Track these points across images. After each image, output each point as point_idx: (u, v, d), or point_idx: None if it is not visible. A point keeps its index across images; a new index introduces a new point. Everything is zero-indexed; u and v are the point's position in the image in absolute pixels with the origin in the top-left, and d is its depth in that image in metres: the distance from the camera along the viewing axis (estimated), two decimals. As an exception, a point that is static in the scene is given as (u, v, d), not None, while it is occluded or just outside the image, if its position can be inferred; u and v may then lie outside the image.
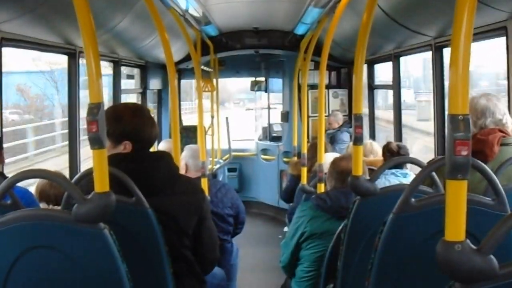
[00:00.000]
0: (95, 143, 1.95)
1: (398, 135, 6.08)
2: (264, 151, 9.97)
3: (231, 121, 8.65)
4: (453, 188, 1.42)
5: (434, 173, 2.55)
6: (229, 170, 9.99)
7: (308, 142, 6.23)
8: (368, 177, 2.73)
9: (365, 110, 7.35)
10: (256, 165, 10.11)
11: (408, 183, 3.75)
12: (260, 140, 10.36)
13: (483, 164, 2.00)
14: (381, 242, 2.15)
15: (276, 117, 10.23)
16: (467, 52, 1.37)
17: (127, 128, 2.48)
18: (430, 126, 5.23)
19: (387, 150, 4.40)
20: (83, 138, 4.20)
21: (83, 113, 4.68)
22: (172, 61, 3.46)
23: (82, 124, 4.69)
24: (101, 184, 1.97)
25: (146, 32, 5.52)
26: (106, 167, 1.99)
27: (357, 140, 2.86)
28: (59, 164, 11.23)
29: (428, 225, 2.07)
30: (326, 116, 8.24)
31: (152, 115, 2.63)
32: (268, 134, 10.10)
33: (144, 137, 2.51)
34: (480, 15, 3.21)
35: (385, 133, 7.87)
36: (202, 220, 2.67)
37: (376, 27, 3.22)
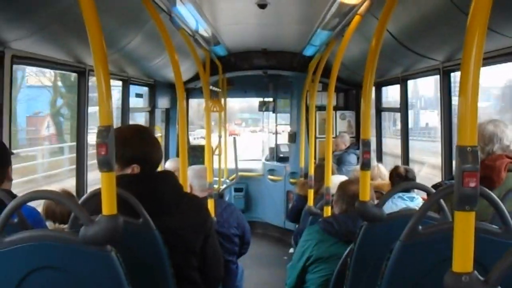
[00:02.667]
0: (104, 166, 1.95)
1: (406, 159, 6.06)
2: (271, 171, 9.96)
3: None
4: (461, 219, 1.42)
5: (441, 199, 2.54)
6: (236, 190, 9.98)
7: (315, 163, 6.23)
8: (375, 202, 2.72)
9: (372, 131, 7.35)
10: (262, 186, 10.09)
11: (415, 207, 3.78)
12: (267, 160, 10.36)
13: (490, 193, 2.00)
14: (388, 269, 2.14)
15: (283, 138, 10.24)
16: (476, 81, 1.37)
17: (135, 153, 2.51)
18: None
19: (395, 174, 4.38)
20: (91, 162, 4.21)
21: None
22: (181, 81, 3.49)
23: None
24: (109, 206, 1.96)
25: (155, 51, 5.56)
26: (114, 190, 1.99)
27: (365, 165, 2.86)
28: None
29: (436, 253, 2.06)
30: (333, 137, 8.27)
31: (160, 134, 2.64)
32: (275, 155, 10.12)
33: (152, 160, 2.54)
34: (490, 40, 3.26)
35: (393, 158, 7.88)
36: (207, 238, 2.68)
37: (384, 51, 3.22)
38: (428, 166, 11.99)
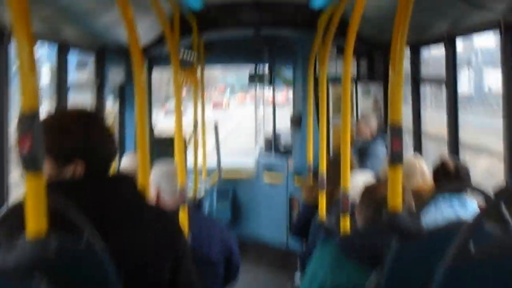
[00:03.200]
0: (29, 165, 1.94)
1: (455, 147, 6.10)
2: (268, 169, 10.05)
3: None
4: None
5: (503, 206, 2.53)
6: (219, 195, 10.08)
7: (328, 157, 6.29)
8: (412, 211, 2.72)
9: (407, 111, 7.38)
10: (256, 189, 10.17)
11: (469, 217, 3.70)
12: (262, 153, 10.40)
13: None
14: None
15: (284, 122, 10.27)
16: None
17: (78, 144, 2.51)
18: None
19: (441, 170, 4.39)
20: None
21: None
22: (138, 45, 3.51)
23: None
24: (36, 223, 1.95)
25: (102, 4, 5.57)
26: (43, 199, 1.97)
27: (395, 159, 2.88)
28: None
29: (494, 282, 2.07)
30: (353, 121, 8.30)
31: (112, 120, 2.65)
32: (274, 146, 10.14)
33: (101, 156, 2.57)
34: None
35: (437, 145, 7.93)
36: (178, 261, 2.71)
37: (422, -1, 3.21)
38: (490, 155, 11.88)
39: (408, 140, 7.59)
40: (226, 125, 41.61)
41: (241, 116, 51.77)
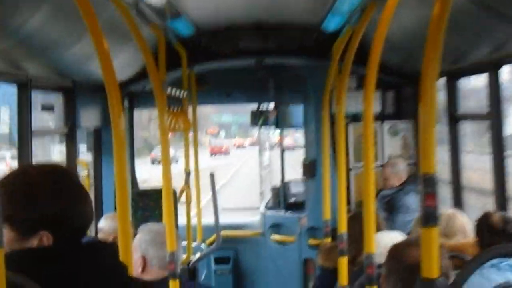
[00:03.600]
0: None
1: (501, 199, 6.04)
2: (276, 227, 10.03)
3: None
4: None
5: None
6: (217, 261, 10.09)
7: (349, 211, 6.26)
8: (450, 277, 2.77)
9: (444, 154, 7.40)
10: (263, 252, 10.15)
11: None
12: (269, 208, 10.38)
13: None
14: None
15: (292, 169, 10.24)
16: None
17: (45, 212, 2.49)
18: None
19: (486, 226, 4.39)
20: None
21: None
22: (115, 81, 3.54)
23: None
24: None
25: (72, 33, 5.60)
26: (2, 273, 1.95)
27: (429, 217, 2.85)
28: None
29: None
30: (378, 166, 8.29)
31: (86, 173, 2.64)
32: (283, 199, 10.13)
33: (74, 224, 2.56)
34: None
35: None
36: None
37: (460, 19, 3.20)
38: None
39: (445, 191, 7.52)
40: (225, 173, 41.81)
41: (241, 162, 51.88)
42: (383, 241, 4.87)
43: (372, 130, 4.52)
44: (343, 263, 5.35)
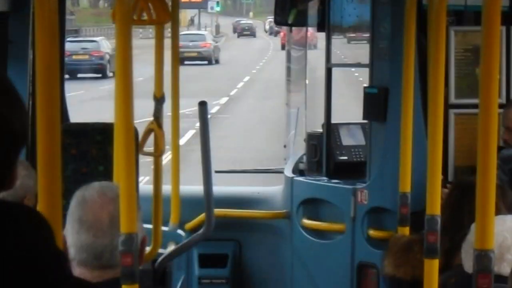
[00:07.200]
0: None
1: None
2: (313, 206, 8.05)
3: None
4: None
5: None
6: (205, 261, 8.38)
7: (445, 181, 5.90)
8: None
9: None
10: (286, 248, 8.34)
11: None
12: (300, 172, 8.46)
13: None
14: None
15: (345, 103, 8.76)
16: None
17: None
18: None
19: None
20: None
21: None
22: None
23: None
24: None
25: None
26: None
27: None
28: None
29: None
30: (500, 108, 6.44)
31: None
32: (325, 157, 8.05)
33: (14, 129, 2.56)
34: None
35: None
36: None
37: None
38: None
39: None
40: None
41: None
42: (504, 225, 4.71)
43: (498, 40, 3.61)
44: (432, 270, 4.49)
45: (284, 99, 12.28)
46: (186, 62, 57.57)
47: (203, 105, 6.70)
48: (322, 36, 8.71)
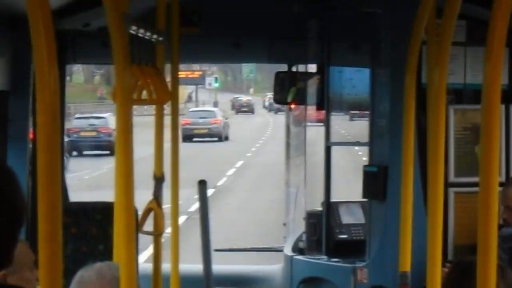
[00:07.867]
0: None
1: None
2: (312, 283, 8.16)
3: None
4: None
5: None
6: None
7: (445, 260, 6.02)
8: None
9: None
10: None
11: None
12: (300, 251, 8.54)
13: None
14: None
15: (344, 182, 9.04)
16: None
17: None
18: None
19: None
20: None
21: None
22: (47, 6, 2.70)
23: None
24: None
25: None
26: None
27: None
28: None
29: None
30: (499, 186, 6.50)
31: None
32: (325, 236, 8.14)
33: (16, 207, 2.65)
34: None
35: None
36: None
37: None
38: None
39: None
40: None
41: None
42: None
43: (498, 118, 3.51)
44: None
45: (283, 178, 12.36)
46: (195, 139, 57.50)
47: (202, 184, 6.76)
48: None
